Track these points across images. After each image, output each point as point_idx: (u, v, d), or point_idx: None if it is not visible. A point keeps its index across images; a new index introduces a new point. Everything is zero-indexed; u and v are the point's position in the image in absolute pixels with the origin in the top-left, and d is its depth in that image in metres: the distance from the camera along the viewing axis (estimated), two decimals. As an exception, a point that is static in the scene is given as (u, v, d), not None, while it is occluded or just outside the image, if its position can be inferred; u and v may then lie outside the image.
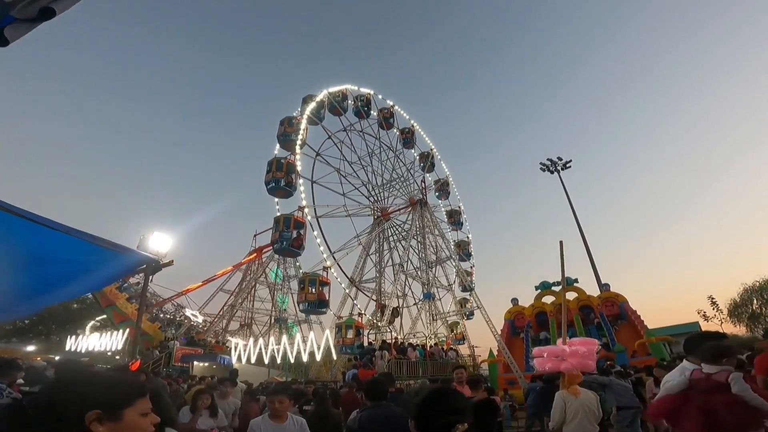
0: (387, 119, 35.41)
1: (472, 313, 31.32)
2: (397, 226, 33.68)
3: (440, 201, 37.94)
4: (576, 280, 26.21)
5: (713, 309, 36.06)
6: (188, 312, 31.49)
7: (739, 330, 38.79)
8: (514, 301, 26.70)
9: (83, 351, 23.01)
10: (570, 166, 40.50)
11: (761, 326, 35.18)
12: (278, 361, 15.51)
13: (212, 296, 36.99)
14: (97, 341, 22.83)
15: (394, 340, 19.08)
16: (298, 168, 25.11)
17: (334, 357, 14.60)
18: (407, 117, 37.48)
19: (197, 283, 35.90)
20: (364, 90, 34.41)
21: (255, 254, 40.03)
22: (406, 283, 32.21)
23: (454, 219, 37.01)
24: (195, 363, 19.69)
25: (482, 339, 48.62)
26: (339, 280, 24.48)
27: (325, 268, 22.23)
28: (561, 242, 5.45)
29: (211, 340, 31.23)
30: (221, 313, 33.89)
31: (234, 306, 34.56)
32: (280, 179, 24.99)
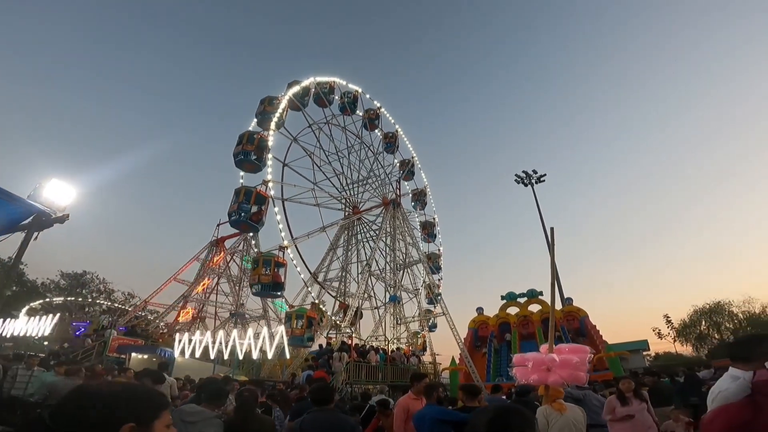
0: (372, 120, 34.93)
1: (434, 326, 30.84)
2: (367, 225, 32.75)
3: (416, 210, 37.40)
4: (541, 293, 26.27)
5: (667, 327, 37.28)
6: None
7: (686, 349, 40.51)
8: (479, 310, 26.41)
9: (8, 336, 20.58)
10: (544, 180, 41.16)
11: (707, 346, 36.74)
12: (225, 356, 14.18)
13: (164, 284, 34.69)
14: (25, 325, 20.47)
15: (355, 343, 18.12)
16: (270, 144, 23.75)
17: (287, 356, 13.46)
18: (392, 121, 37.16)
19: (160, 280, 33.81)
20: (353, 86, 33.72)
21: (219, 246, 38.07)
22: (372, 284, 31.43)
23: (428, 231, 36.51)
24: (133, 354, 17.95)
25: (445, 347, 48.51)
26: (298, 269, 22.87)
27: (282, 248, 20.79)
28: (552, 228, 4.99)
29: (161, 330, 29.10)
30: (173, 304, 31.67)
31: (187, 297, 32.42)
32: (249, 152, 23.43)
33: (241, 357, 14.16)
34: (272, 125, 24.52)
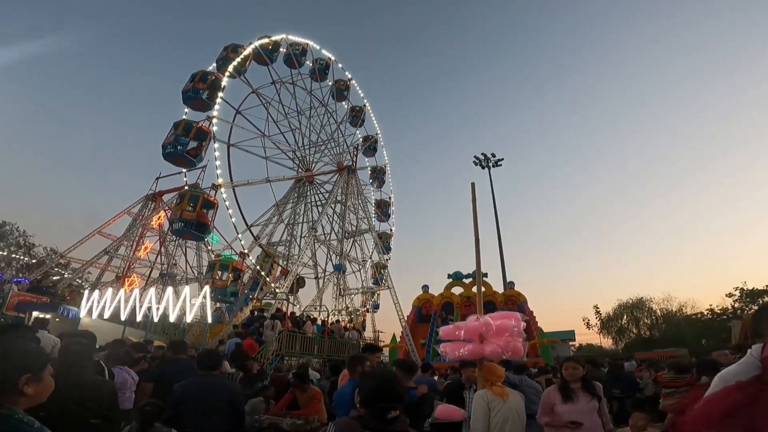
0: (341, 91, 33.51)
1: (377, 306, 30.52)
2: (318, 189, 31.27)
3: (372, 186, 36.23)
4: (486, 275, 26.67)
5: (596, 318, 39.29)
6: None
7: (606, 342, 43.41)
8: (425, 288, 26.31)
9: None
10: (501, 165, 42.08)
11: (625, 340, 39.33)
12: (138, 318, 12.56)
13: (86, 237, 31.16)
14: None
15: (291, 312, 17.01)
16: (223, 85, 21.61)
17: (209, 319, 12.11)
18: (362, 95, 35.72)
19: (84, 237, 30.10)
20: (326, 53, 32.04)
21: (157, 201, 34.75)
22: (315, 249, 30.26)
23: (383, 209, 35.54)
24: (34, 314, 15.63)
25: (387, 324, 48.73)
26: (233, 219, 20.99)
27: (215, 186, 19.03)
28: (473, 184, 4.30)
29: (79, 286, 26.19)
30: (92, 259, 28.55)
31: (109, 252, 29.38)
32: (201, 90, 21.50)
33: (156, 319, 12.59)
34: (230, 68, 22.47)
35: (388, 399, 1.76)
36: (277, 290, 20.18)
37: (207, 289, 12.27)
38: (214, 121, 20.72)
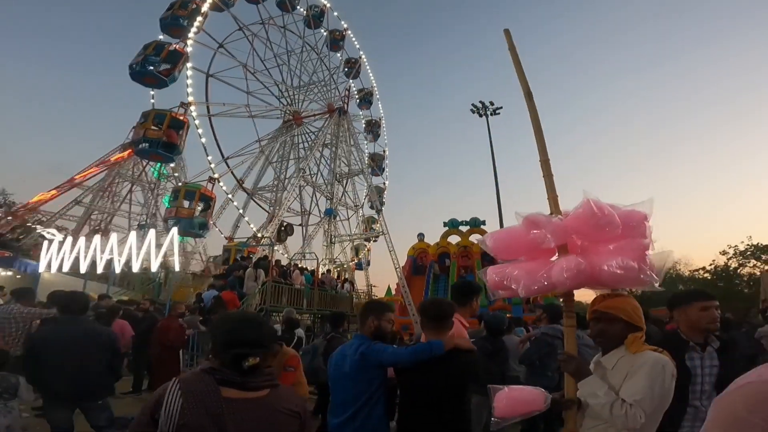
0: (337, 41, 30.63)
1: (377, 236, 29.22)
2: (309, 133, 29.09)
3: (361, 111, 33.97)
4: (484, 222, 25.38)
5: None
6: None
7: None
8: (420, 236, 25.02)
9: None
10: (499, 113, 40.26)
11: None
12: (100, 270, 11.01)
13: (59, 187, 28.83)
14: None
15: (277, 260, 15.53)
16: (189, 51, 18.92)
17: (176, 266, 10.62)
18: (357, 46, 32.67)
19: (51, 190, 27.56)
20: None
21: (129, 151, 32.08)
22: (302, 191, 28.55)
23: (372, 129, 33.53)
24: (-9, 269, 14.06)
25: (379, 278, 48.14)
26: (202, 137, 19.16)
27: (184, 105, 17.08)
28: (506, 30, 2.46)
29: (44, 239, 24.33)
30: (61, 210, 26.48)
31: (80, 202, 27.33)
32: (157, 61, 18.53)
33: (118, 270, 11.02)
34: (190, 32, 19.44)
35: (244, 344, 1.43)
36: (259, 234, 18.50)
37: (174, 231, 10.57)
38: (190, 42, 18.05)
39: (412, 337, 13.14)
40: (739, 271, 29.43)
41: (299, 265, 15.50)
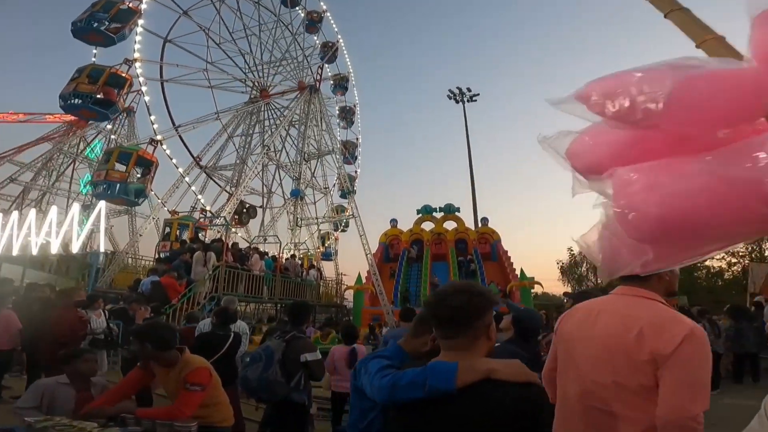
0: (314, 23, 28.59)
1: (347, 225, 27.85)
2: (276, 109, 27.10)
3: (335, 96, 32.17)
4: (458, 209, 24.62)
5: (570, 260, 38.68)
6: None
7: (566, 288, 43.79)
8: (393, 222, 23.95)
9: None
10: (476, 100, 40.47)
11: (583, 288, 39.65)
12: (15, 252, 9.11)
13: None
14: None
15: (233, 242, 13.87)
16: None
17: (101, 245, 8.87)
18: (336, 29, 30.45)
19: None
20: None
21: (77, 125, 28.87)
22: (273, 175, 26.64)
23: (346, 116, 31.86)
24: None
25: (349, 266, 46.44)
26: (146, 95, 17.34)
27: (129, 61, 15.20)
28: None
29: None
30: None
31: (15, 179, 24.38)
32: (105, 18, 16.16)
33: (35, 251, 9.18)
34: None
35: None
36: (208, 207, 16.60)
37: (102, 205, 8.84)
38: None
39: (382, 332, 11.83)
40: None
41: (259, 249, 13.92)
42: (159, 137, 16.13)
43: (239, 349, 4.87)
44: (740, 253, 25.12)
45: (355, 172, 32.97)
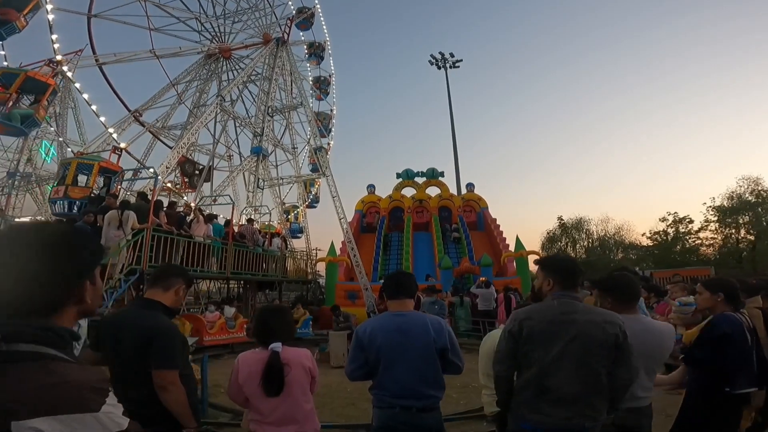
0: None
1: (316, 200, 25.46)
2: (237, 65, 23.95)
3: (309, 64, 29.00)
4: (442, 174, 22.54)
5: (559, 230, 37.49)
6: None
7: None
8: (370, 188, 21.63)
9: None
10: (459, 66, 39.07)
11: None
12: None
13: None
14: None
15: (170, 202, 11.21)
16: None
17: None
18: None
19: None
20: None
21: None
22: (223, 126, 23.55)
23: (321, 86, 28.86)
24: None
25: (320, 240, 43.47)
26: (82, 92, 14.72)
27: (52, 63, 12.25)
28: None
29: None
30: None
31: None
32: None
33: None
34: None
35: None
36: (122, 144, 13.47)
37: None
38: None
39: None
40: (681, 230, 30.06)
41: (206, 212, 11.38)
42: (59, 57, 12.91)
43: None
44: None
45: (331, 110, 30.42)
